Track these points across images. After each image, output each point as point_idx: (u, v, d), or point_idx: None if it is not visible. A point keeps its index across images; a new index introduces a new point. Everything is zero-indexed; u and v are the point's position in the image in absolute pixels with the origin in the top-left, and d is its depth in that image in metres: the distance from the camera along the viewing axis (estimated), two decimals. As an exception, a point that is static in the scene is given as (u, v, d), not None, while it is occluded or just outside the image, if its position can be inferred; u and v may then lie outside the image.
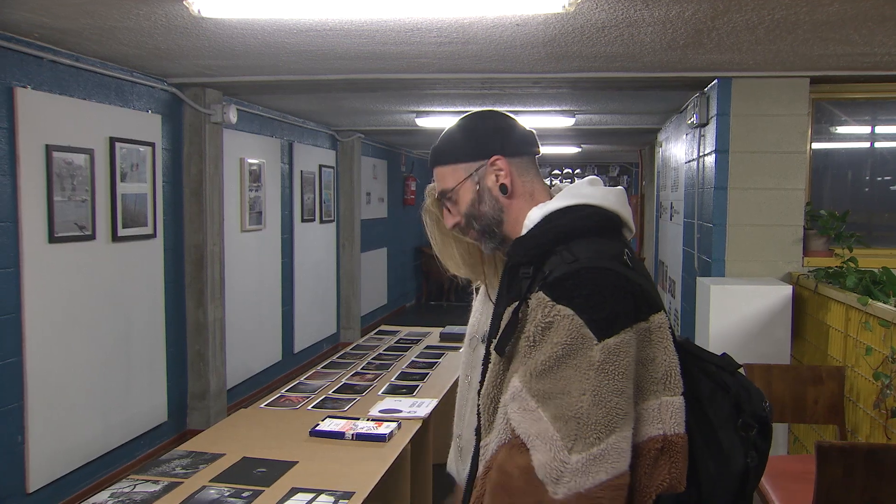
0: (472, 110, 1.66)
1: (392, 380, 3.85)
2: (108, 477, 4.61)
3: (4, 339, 3.86)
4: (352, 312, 9.08)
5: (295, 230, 7.59)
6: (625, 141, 10.37)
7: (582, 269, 1.34)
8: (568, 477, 1.23)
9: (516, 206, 1.53)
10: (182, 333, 5.50)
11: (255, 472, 2.60)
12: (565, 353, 1.27)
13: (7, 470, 3.91)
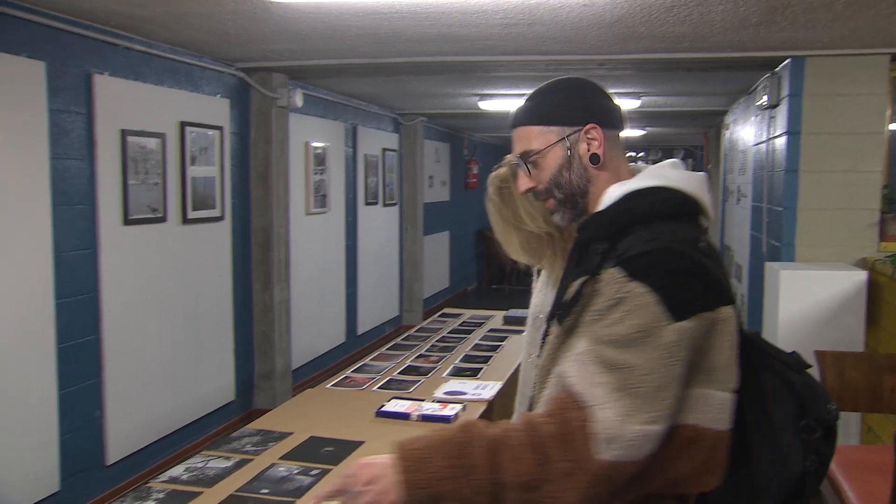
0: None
1: (456, 362, 3.87)
2: (180, 452, 4.74)
3: (83, 317, 3.99)
4: (414, 295, 9.14)
5: (358, 213, 7.66)
6: (690, 123, 10.18)
7: (660, 248, 1.32)
8: (618, 444, 1.23)
9: (603, 178, 1.50)
10: (249, 315, 5.61)
11: (323, 451, 2.64)
12: (637, 329, 1.26)
13: (87, 443, 4.05)
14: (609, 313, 1.29)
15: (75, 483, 3.96)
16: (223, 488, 2.33)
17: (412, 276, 9.12)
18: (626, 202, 1.43)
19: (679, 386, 1.27)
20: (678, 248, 1.32)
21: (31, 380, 3.65)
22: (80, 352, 3.98)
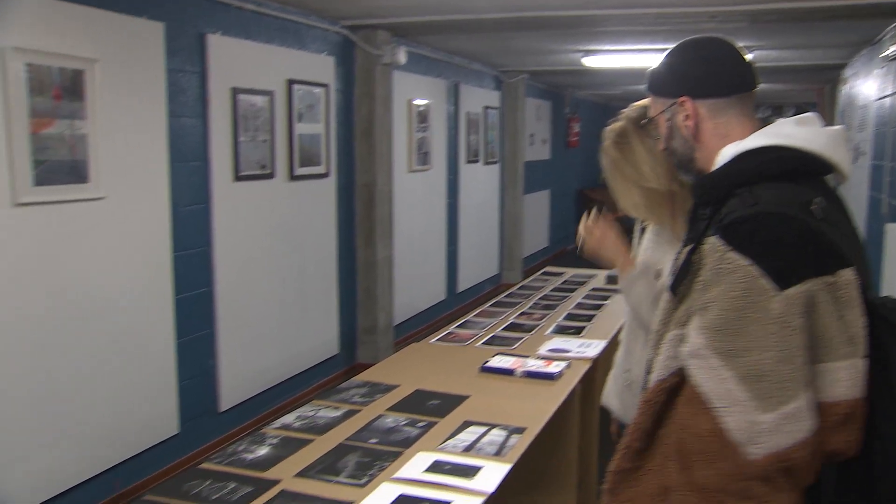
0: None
1: (559, 320, 3.86)
2: (286, 403, 4.91)
3: (198, 270, 4.15)
4: (514, 254, 9.13)
5: (460, 171, 7.67)
6: (804, 79, 9.74)
7: (760, 213, 1.25)
8: (763, 437, 1.18)
9: (707, 146, 1.46)
10: (352, 270, 5.72)
11: (429, 403, 2.69)
12: (743, 306, 1.21)
13: (202, 390, 4.24)
14: (712, 286, 1.25)
15: (192, 427, 4.15)
16: (333, 437, 2.40)
17: (512, 235, 9.11)
18: (735, 163, 1.37)
19: (803, 354, 1.21)
20: (781, 213, 1.24)
21: (152, 329, 3.83)
22: (195, 303, 4.14)
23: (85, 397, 3.47)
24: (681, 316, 1.32)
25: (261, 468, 2.17)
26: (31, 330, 3.20)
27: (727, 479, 1.19)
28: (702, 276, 1.28)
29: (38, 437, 3.25)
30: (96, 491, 3.58)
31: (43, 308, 3.25)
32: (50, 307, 3.28)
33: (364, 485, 2.06)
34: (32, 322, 3.20)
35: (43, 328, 3.25)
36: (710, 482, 1.19)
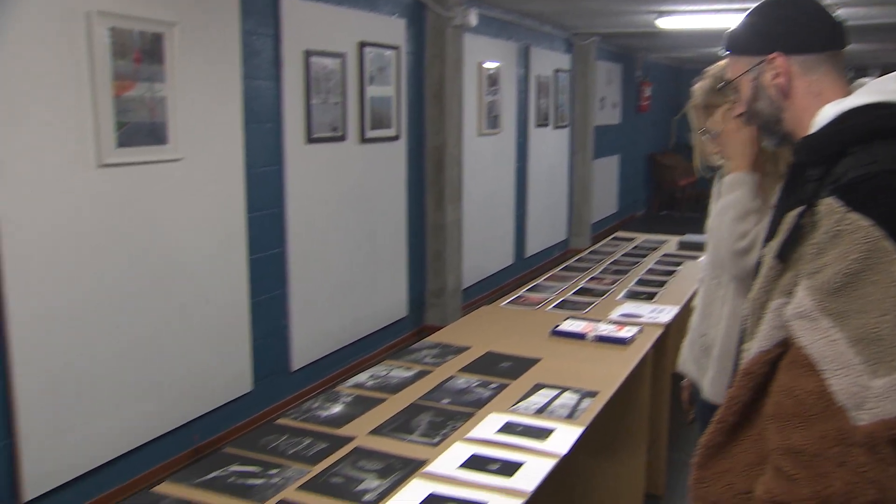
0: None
1: (630, 285, 3.81)
2: (355, 364, 4.98)
3: (271, 231, 4.22)
4: (582, 219, 9.04)
5: (529, 135, 7.60)
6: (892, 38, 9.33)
7: (882, 172, 1.20)
8: (872, 402, 1.13)
9: (797, 105, 1.41)
10: (422, 233, 5.74)
11: (500, 365, 2.69)
12: (862, 268, 1.16)
13: (275, 350, 4.33)
14: (828, 249, 1.20)
15: (265, 385, 4.25)
16: (405, 396, 2.43)
17: (581, 200, 9.02)
18: (841, 122, 1.31)
19: None
20: None
21: (228, 288, 3.92)
22: (268, 264, 4.22)
23: (165, 354, 3.57)
24: (787, 283, 1.27)
25: (335, 425, 2.21)
26: (114, 287, 3.30)
27: (827, 442, 1.16)
28: (815, 239, 1.23)
29: (121, 391, 3.37)
30: (176, 444, 3.70)
31: (125, 266, 3.35)
32: (132, 266, 3.38)
33: (437, 444, 2.08)
34: (116, 280, 3.31)
35: (126, 286, 3.35)
36: (807, 445, 1.16)
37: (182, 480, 1.90)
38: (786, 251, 1.28)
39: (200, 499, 1.80)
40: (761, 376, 1.28)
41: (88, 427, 3.23)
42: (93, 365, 3.24)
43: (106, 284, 3.27)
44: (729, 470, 1.34)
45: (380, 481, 1.87)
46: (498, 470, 1.93)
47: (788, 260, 1.28)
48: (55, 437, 3.10)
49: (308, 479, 1.89)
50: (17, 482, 3.00)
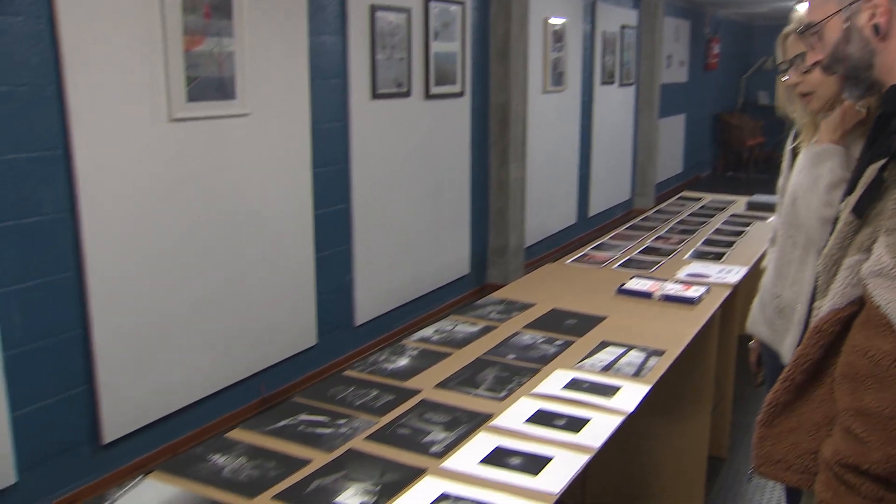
0: None
1: (697, 245, 3.75)
2: (417, 320, 5.02)
3: (336, 186, 4.25)
4: (647, 179, 8.90)
5: (594, 93, 7.48)
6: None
7: None
8: None
9: (892, 49, 1.34)
10: (485, 191, 5.72)
11: (566, 322, 2.68)
12: None
13: (339, 304, 4.39)
14: None
15: (329, 339, 4.31)
16: (471, 351, 2.44)
17: (645, 160, 8.87)
18: None
19: None
20: None
21: (294, 243, 3.97)
22: (333, 219, 4.26)
23: (235, 306, 3.65)
24: (864, 240, 1.23)
25: (401, 378, 2.23)
26: (186, 240, 3.37)
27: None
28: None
29: (193, 341, 3.45)
30: (243, 394, 3.79)
31: (197, 220, 3.41)
32: (203, 219, 3.44)
33: (503, 398, 2.09)
34: (188, 233, 3.37)
35: (197, 239, 3.42)
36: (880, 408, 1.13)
37: (253, 428, 1.94)
38: (864, 206, 1.24)
39: (271, 446, 1.85)
40: (833, 335, 1.25)
41: (162, 375, 3.33)
42: (166, 315, 3.32)
43: (178, 237, 3.34)
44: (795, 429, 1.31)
45: (446, 433, 1.89)
46: (564, 425, 1.93)
47: (867, 215, 1.24)
48: (131, 384, 3.20)
49: (375, 429, 1.92)
50: (98, 426, 3.12)
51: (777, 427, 1.34)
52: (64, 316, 2.98)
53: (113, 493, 1.65)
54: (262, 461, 1.77)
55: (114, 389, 3.14)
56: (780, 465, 1.35)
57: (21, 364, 2.85)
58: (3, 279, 2.76)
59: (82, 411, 3.08)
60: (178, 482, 1.70)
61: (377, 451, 1.81)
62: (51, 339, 2.95)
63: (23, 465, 2.88)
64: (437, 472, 1.72)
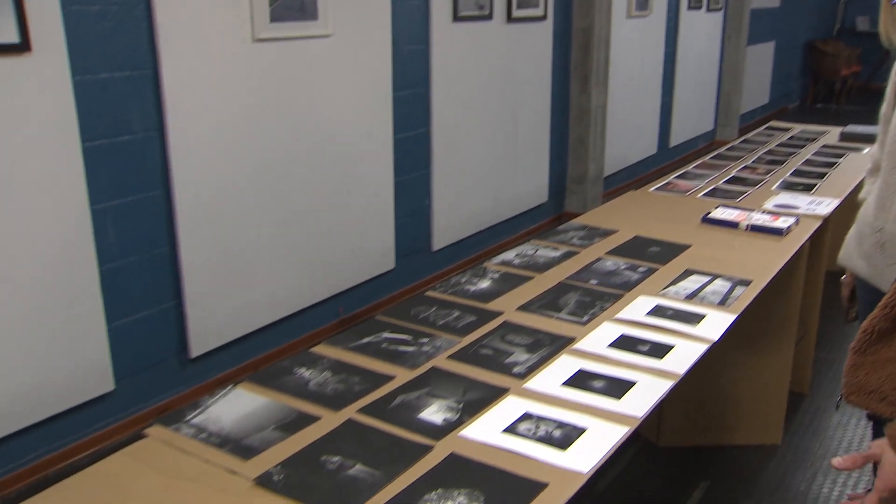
0: None
1: (786, 176, 3.63)
2: (494, 247, 5.01)
3: (416, 110, 4.23)
4: (731, 109, 8.61)
5: (680, 18, 7.21)
6: None
7: None
8: None
9: None
10: (565, 118, 5.62)
11: (649, 250, 2.64)
12: None
13: (417, 229, 4.41)
14: None
15: (406, 264, 4.35)
16: (552, 275, 2.43)
17: (731, 89, 8.56)
18: None
19: None
20: None
21: (374, 166, 3.98)
22: (412, 143, 4.25)
23: (314, 228, 3.70)
24: None
25: (483, 300, 2.24)
26: (270, 161, 3.41)
27: None
28: None
29: (275, 261, 3.53)
30: (322, 315, 3.87)
31: (280, 141, 3.44)
32: (286, 141, 3.47)
33: (585, 323, 2.08)
34: (271, 154, 3.41)
35: (279, 160, 3.46)
36: None
37: (337, 344, 1.98)
38: None
39: (355, 361, 1.88)
40: None
41: (245, 294, 3.42)
42: (249, 236, 3.39)
43: (261, 158, 3.38)
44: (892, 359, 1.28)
45: (528, 355, 1.90)
46: (648, 351, 1.92)
47: None
48: (216, 302, 3.30)
49: (458, 349, 1.94)
50: (186, 340, 3.23)
51: (872, 355, 1.31)
52: (153, 233, 3.07)
53: (205, 401, 1.72)
54: (347, 376, 1.80)
55: (200, 306, 3.24)
56: (873, 395, 1.32)
57: (115, 278, 2.95)
58: (99, 196, 2.85)
59: (171, 326, 3.20)
60: (266, 393, 1.75)
61: (459, 370, 1.83)
62: (142, 255, 3.04)
63: (119, 375, 3.02)
64: (519, 392, 1.73)
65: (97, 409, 2.97)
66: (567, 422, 1.60)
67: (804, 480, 2.87)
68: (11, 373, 2.66)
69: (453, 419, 1.61)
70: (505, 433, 1.56)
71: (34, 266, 2.68)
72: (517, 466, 1.46)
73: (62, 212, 2.72)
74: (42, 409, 2.78)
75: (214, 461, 1.49)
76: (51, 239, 2.71)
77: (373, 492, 1.38)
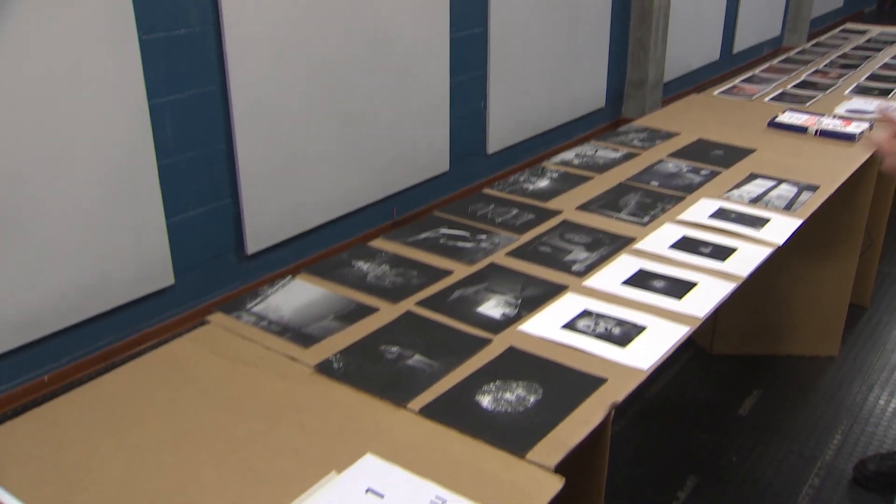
0: None
1: (861, 80, 3.47)
2: (549, 152, 4.93)
3: (472, 9, 4.12)
4: (801, 14, 8.22)
5: (752, -86, 6.85)
6: None
7: None
8: None
9: None
10: (626, 20, 5.43)
11: (712, 153, 2.57)
12: None
13: (472, 132, 4.35)
14: None
15: (461, 166, 4.31)
16: (612, 176, 2.38)
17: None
18: None
19: None
20: None
21: (429, 66, 3.90)
22: (468, 44, 4.15)
23: (371, 128, 3.67)
24: None
25: (542, 198, 2.21)
26: (324, 60, 3.36)
27: None
28: None
29: (330, 161, 3.51)
30: (376, 216, 3.87)
31: (334, 40, 3.38)
32: (340, 40, 3.41)
33: (646, 223, 2.04)
34: (328, 53, 3.36)
35: (334, 60, 3.40)
36: None
37: (395, 238, 1.98)
38: None
39: (413, 256, 1.88)
40: None
41: (300, 193, 3.42)
42: (304, 135, 3.37)
43: (317, 57, 3.33)
44: None
45: (588, 254, 1.87)
46: (710, 253, 1.88)
47: None
48: (271, 200, 3.31)
49: (516, 246, 1.92)
50: (242, 237, 3.27)
51: None
52: (210, 130, 3.07)
53: (265, 291, 1.73)
54: (405, 270, 1.80)
55: (256, 203, 3.26)
56: None
57: (173, 173, 2.98)
58: (156, 90, 2.84)
59: (228, 222, 3.23)
60: (324, 284, 1.76)
61: (518, 267, 1.81)
62: (199, 151, 3.05)
63: (179, 269, 3.07)
64: (578, 289, 1.71)
65: (159, 302, 3.05)
66: (627, 320, 1.58)
67: (860, 392, 2.83)
68: (79, 264, 2.72)
69: (511, 314, 1.61)
70: (564, 329, 1.55)
71: (97, 161, 2.71)
72: (576, 362, 1.45)
73: (121, 106, 2.73)
74: (108, 299, 2.86)
75: (275, 348, 1.51)
76: (111, 134, 2.73)
77: (431, 381, 1.39)
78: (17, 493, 1.15)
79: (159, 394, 1.39)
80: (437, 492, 1.14)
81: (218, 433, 1.28)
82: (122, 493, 1.16)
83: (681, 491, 2.36)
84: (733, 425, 2.66)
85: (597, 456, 1.38)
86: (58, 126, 2.57)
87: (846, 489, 2.36)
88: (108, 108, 2.69)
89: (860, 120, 2.84)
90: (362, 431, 1.28)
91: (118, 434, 1.28)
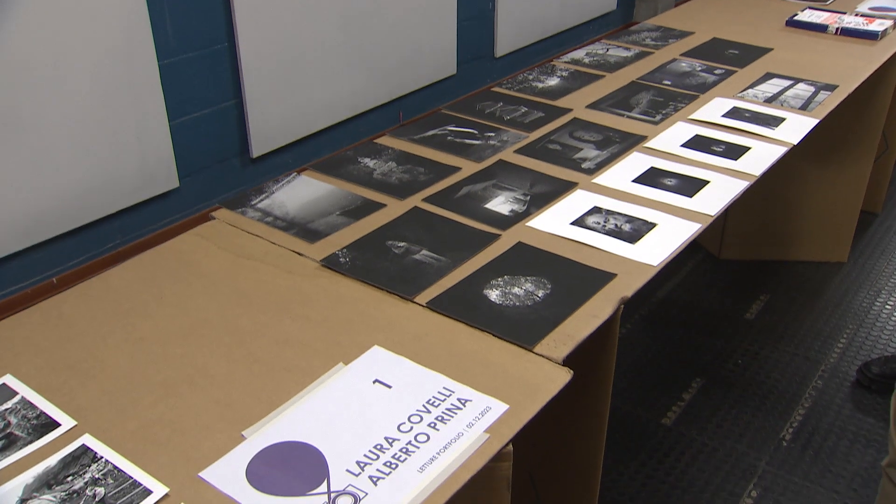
0: None
1: (883, -21, 3.35)
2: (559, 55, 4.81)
3: None
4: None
5: None
6: None
7: None
8: None
9: None
10: (640, -83, 5.23)
11: (727, 52, 2.50)
12: None
13: (480, 34, 4.23)
14: None
15: (468, 69, 4.21)
16: (624, 75, 2.32)
17: None
18: None
19: None
20: None
21: (434, -37, 3.78)
22: (477, -59, 4.00)
23: (376, 29, 3.57)
24: None
25: (551, 97, 2.16)
26: (326, -46, 3.25)
27: None
28: None
29: (336, 63, 3.43)
30: (382, 119, 3.80)
31: (337, -68, 3.27)
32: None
33: (658, 122, 2.00)
34: (327, -54, 3.25)
35: (337, -47, 3.29)
36: None
37: (401, 136, 1.94)
38: None
39: (420, 153, 1.84)
40: None
41: (305, 95, 3.36)
42: (308, 36, 3.29)
43: (319, -49, 3.22)
44: None
45: (598, 152, 1.83)
46: (723, 152, 1.84)
47: None
48: (276, 102, 3.25)
49: (525, 143, 1.88)
50: (247, 140, 3.22)
51: None
52: (211, 28, 2.99)
53: (269, 187, 1.71)
54: (412, 166, 1.77)
55: (260, 105, 3.20)
56: None
57: (174, 73, 2.91)
58: (153, -15, 2.76)
59: (232, 125, 3.18)
60: (330, 180, 1.73)
61: (527, 164, 1.78)
62: (200, 50, 2.98)
63: (183, 173, 3.04)
64: (588, 186, 1.68)
65: (164, 205, 3.02)
66: (637, 216, 1.56)
67: (867, 297, 2.83)
68: (82, 167, 2.69)
69: (520, 210, 1.58)
70: (573, 225, 1.53)
71: (96, 58, 2.64)
72: (585, 257, 1.43)
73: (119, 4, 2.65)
74: (113, 202, 2.83)
75: (281, 243, 1.50)
76: (109, 30, 2.65)
77: (439, 276, 1.38)
78: (26, 381, 1.15)
79: (166, 287, 1.38)
80: (445, 382, 1.13)
81: (225, 326, 1.27)
82: (130, 382, 1.16)
83: (686, 392, 2.38)
84: (740, 329, 2.66)
85: (605, 352, 1.37)
86: (56, 23, 2.50)
87: (848, 391, 2.38)
88: (105, 3, 2.61)
89: (884, 18, 2.75)
90: (369, 324, 1.27)
91: (125, 326, 1.28)
